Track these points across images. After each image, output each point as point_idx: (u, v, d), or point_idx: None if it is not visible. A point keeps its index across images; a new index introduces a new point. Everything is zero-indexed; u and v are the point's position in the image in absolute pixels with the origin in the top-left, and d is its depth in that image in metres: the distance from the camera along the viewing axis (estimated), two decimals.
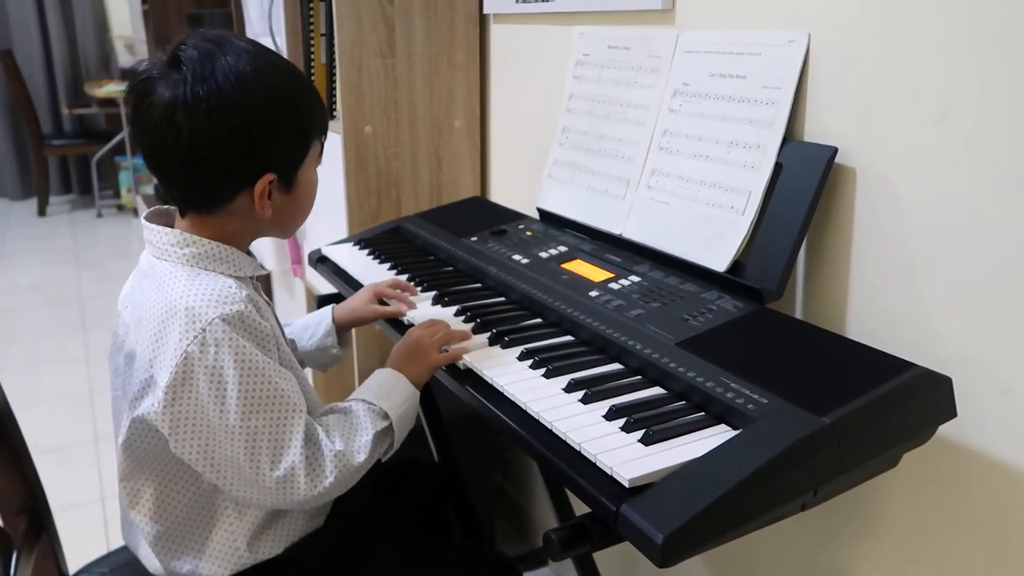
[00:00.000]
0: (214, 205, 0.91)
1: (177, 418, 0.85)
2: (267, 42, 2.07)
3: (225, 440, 0.85)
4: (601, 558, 1.48)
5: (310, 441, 0.88)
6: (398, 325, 1.14)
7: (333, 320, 1.18)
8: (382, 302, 1.18)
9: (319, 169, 0.99)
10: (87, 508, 2.13)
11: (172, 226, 0.93)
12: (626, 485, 0.70)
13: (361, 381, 1.77)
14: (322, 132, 0.96)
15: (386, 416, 0.94)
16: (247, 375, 0.85)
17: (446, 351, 1.00)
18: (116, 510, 1.05)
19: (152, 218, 0.94)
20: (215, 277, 0.90)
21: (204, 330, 0.84)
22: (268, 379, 0.86)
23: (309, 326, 1.19)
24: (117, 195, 5.33)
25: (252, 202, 0.90)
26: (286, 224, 0.98)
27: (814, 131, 1.01)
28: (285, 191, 0.93)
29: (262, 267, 0.98)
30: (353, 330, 1.25)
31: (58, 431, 2.50)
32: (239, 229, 0.93)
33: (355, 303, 1.19)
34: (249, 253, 0.97)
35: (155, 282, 0.90)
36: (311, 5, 1.80)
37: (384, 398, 0.96)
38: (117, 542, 1.08)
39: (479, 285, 1.20)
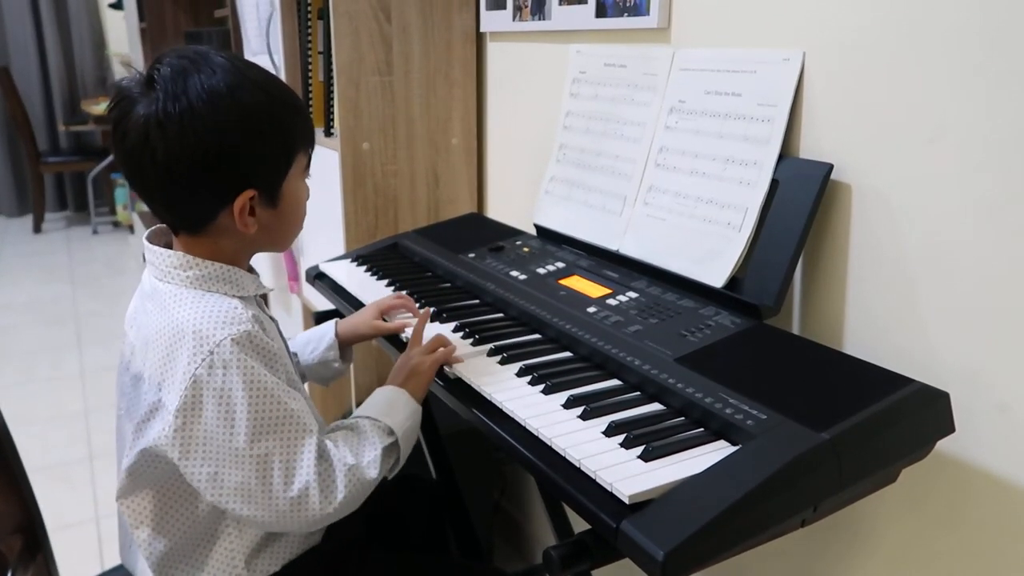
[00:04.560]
0: (199, 224, 0.90)
1: (187, 441, 0.84)
2: (265, 60, 2.09)
3: (235, 463, 0.84)
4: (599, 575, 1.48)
5: (322, 458, 0.87)
6: (397, 342, 1.14)
7: (336, 335, 1.18)
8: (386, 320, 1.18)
9: (312, 181, 0.99)
10: (82, 527, 2.10)
11: (172, 246, 0.93)
12: (626, 501, 0.70)
13: (358, 396, 1.78)
14: (307, 145, 0.95)
15: (391, 432, 0.94)
16: (256, 396, 0.84)
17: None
18: (111, 529, 1.04)
19: (153, 238, 0.94)
20: (220, 298, 0.89)
21: (212, 352, 0.83)
22: (278, 399, 0.85)
23: (311, 340, 1.19)
24: (113, 212, 5.33)
25: (234, 219, 0.89)
26: (277, 239, 0.97)
27: (810, 148, 1.01)
28: (270, 206, 0.91)
29: (264, 285, 0.98)
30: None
31: (53, 450, 2.48)
32: (233, 247, 0.93)
33: (359, 319, 1.19)
34: (251, 270, 0.97)
35: (159, 305, 0.89)
36: (309, 23, 1.81)
37: (388, 415, 0.95)
38: (112, 561, 1.07)
39: (477, 301, 1.20)
